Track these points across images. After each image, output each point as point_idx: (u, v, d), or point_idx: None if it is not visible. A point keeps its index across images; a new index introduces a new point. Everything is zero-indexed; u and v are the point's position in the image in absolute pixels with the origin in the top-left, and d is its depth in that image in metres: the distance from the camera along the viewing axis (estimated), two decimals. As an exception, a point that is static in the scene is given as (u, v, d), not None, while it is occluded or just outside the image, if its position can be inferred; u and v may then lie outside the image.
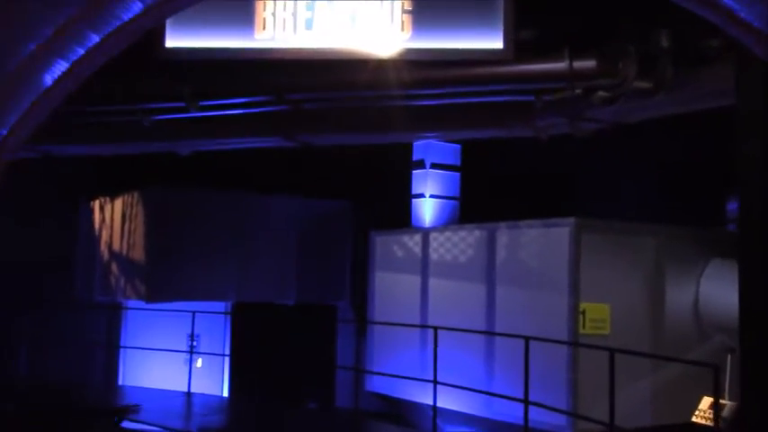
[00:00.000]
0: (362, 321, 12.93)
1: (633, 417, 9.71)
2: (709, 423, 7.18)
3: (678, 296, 10.32)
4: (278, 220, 13.64)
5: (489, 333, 10.14)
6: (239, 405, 12.06)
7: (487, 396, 10.30)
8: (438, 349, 10.35)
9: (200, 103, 8.08)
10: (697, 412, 7.40)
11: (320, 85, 7.67)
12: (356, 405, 13.46)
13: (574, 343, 8.97)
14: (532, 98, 7.69)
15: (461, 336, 10.08)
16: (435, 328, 8.64)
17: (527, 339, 7.40)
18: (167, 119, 8.85)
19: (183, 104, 8.12)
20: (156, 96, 8.16)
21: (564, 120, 8.52)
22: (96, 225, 14.38)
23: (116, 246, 13.57)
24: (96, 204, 14.42)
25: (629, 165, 12.14)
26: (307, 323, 14.09)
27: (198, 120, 8.89)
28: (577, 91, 7.13)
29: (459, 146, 12.70)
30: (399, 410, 12.02)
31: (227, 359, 13.31)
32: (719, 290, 10.41)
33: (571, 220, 9.42)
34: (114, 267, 13.58)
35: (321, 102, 8.19)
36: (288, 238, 13.68)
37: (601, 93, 7.15)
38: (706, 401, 7.45)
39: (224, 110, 8.50)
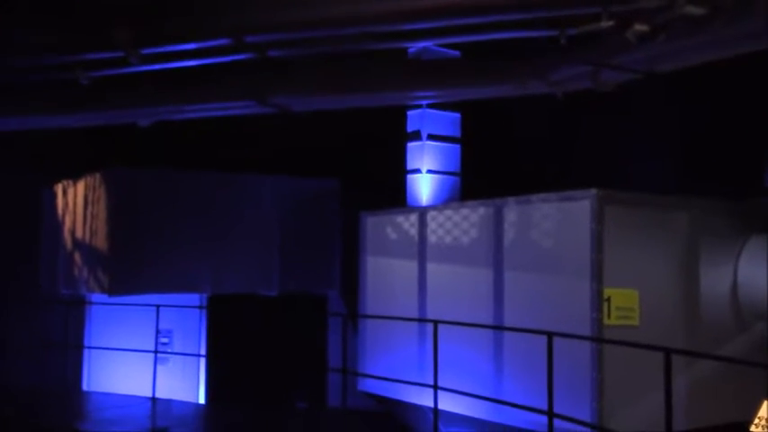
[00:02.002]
0: (353, 313, 11.56)
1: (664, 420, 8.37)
2: (773, 435, 5.81)
3: (714, 279, 8.95)
4: (257, 202, 12.22)
5: (497, 327, 8.76)
6: (216, 412, 10.69)
7: (497, 398, 8.95)
8: (439, 345, 8.97)
9: (142, 52, 6.62)
10: (757, 420, 6.02)
11: (286, 22, 6.21)
12: (344, 405, 12.16)
13: (600, 339, 7.60)
14: (553, 33, 6.22)
15: (465, 329, 8.72)
16: (435, 322, 7.25)
17: (550, 335, 6.01)
18: (108, 76, 7.40)
19: (121, 54, 6.65)
20: (86, 44, 6.68)
21: (585, 69, 7.09)
22: (59, 211, 13.00)
23: (79, 233, 12.18)
24: (60, 188, 13.04)
25: (649, 131, 10.72)
26: (293, 316, 12.72)
27: (147, 78, 7.47)
28: (609, 23, 5.71)
29: (458, 115, 11.30)
30: (396, 412, 10.66)
31: (203, 360, 11.89)
32: (761, 271, 9.06)
33: (592, 191, 8.02)
34: (78, 257, 12.20)
35: (290, 46, 6.72)
36: (269, 221, 12.26)
37: (638, 26, 5.74)
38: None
39: (173, 61, 7.04)
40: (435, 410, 7.32)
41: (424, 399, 8.94)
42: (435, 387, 7.20)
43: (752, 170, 9.90)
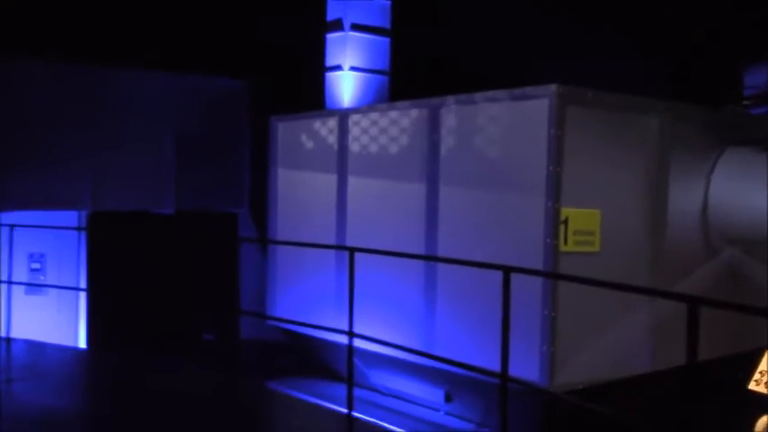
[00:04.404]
0: (264, 236, 9.92)
1: (628, 362, 7.13)
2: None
3: (684, 197, 7.62)
4: (150, 103, 10.27)
5: (429, 258, 7.26)
6: (94, 358, 9.01)
7: (426, 337, 7.53)
8: (360, 274, 7.43)
9: None
10: (758, 376, 4.71)
11: None
12: (259, 337, 10.68)
13: (556, 275, 6.18)
14: None
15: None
16: (351, 250, 5.68)
17: (507, 271, 4.50)
18: None
19: None
20: None
21: None
22: None
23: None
24: None
25: (614, 27, 9.17)
26: (197, 238, 11.00)
27: None
28: None
29: (388, 1, 9.51)
30: (313, 348, 9.18)
31: (83, 294, 10.03)
32: (734, 190, 7.77)
33: (551, 88, 6.46)
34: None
35: None
36: (164, 125, 10.33)
37: None
38: (771, 360, 4.76)
39: None
40: (350, 361, 5.81)
41: (341, 336, 7.45)
42: (351, 334, 5.67)
43: (729, 76, 8.52)
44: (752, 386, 4.75)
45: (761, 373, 4.74)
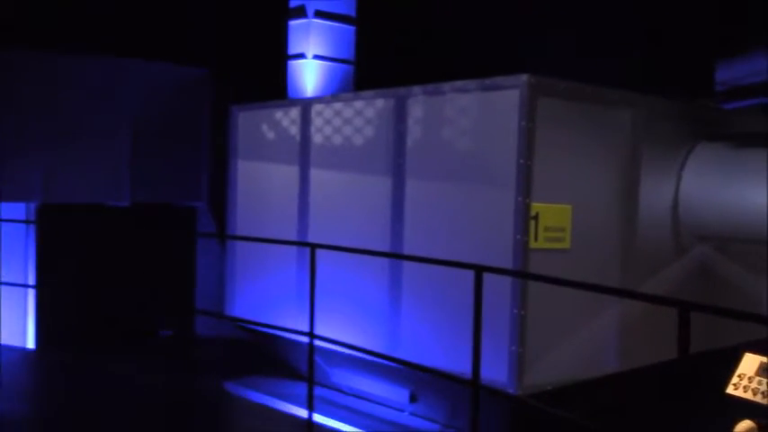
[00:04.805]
0: (222, 230, 9.56)
1: (597, 362, 6.94)
2: (763, 400, 4.33)
3: (655, 192, 7.44)
4: (106, 91, 9.84)
5: (394, 256, 6.98)
6: (43, 357, 8.59)
7: (391, 335, 7.27)
8: (322, 270, 7.14)
9: None
10: (737, 380, 4.53)
11: None
12: (217, 333, 10.36)
13: (532, 276, 5.94)
14: None
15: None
16: (312, 247, 5.38)
17: (479, 270, 4.24)
18: None
19: None
20: None
21: None
22: None
23: None
24: None
25: (584, 18, 8.96)
26: (154, 231, 10.60)
27: None
28: None
29: (354, -12, 9.21)
30: (272, 345, 8.86)
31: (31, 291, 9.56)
32: (705, 185, 7.62)
33: (522, 78, 6.21)
34: None
35: None
36: (120, 114, 9.92)
37: None
38: (750, 362, 4.57)
39: None
40: (311, 363, 5.52)
41: (301, 335, 7.13)
42: (312, 335, 5.38)
43: (701, 70, 8.36)
44: (730, 390, 4.55)
45: (739, 376, 4.55)
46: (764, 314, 8.70)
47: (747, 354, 4.64)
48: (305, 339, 6.69)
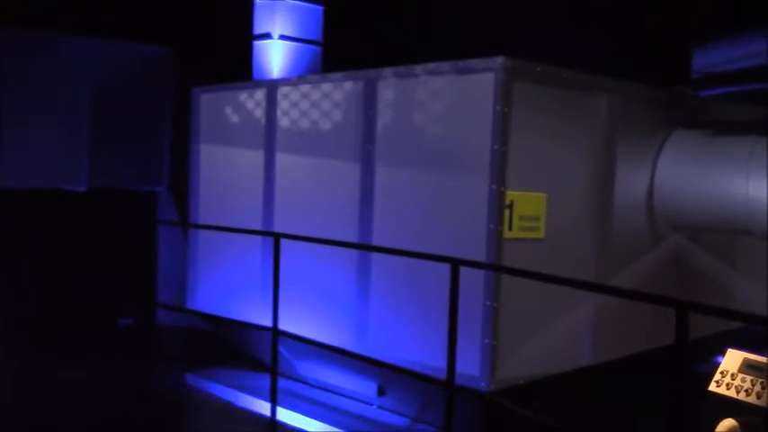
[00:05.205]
0: (183, 216, 9.21)
1: (569, 355, 6.76)
2: (746, 398, 4.16)
3: (630, 180, 7.27)
4: (63, 71, 9.42)
5: (362, 247, 6.70)
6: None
7: (359, 327, 7.02)
8: (288, 259, 6.85)
9: None
10: (719, 376, 4.35)
11: None
12: (178, 322, 10.03)
13: (507, 270, 5.71)
14: None
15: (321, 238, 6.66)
16: (276, 236, 5.09)
17: (455, 263, 3.99)
18: None
19: None
20: None
21: None
22: None
23: None
24: None
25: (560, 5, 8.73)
26: (113, 217, 10.21)
27: None
28: None
29: (322, -33, 8.87)
30: (236, 335, 8.56)
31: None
32: (680, 173, 7.47)
33: (498, 60, 5.96)
34: None
35: None
36: (77, 96, 9.50)
37: None
38: (733, 358, 4.40)
39: None
40: (274, 359, 5.25)
41: (266, 323, 6.84)
42: (276, 332, 5.10)
43: (677, 56, 8.19)
44: (712, 387, 4.37)
45: (722, 373, 4.37)
46: (737, 304, 8.63)
47: (730, 350, 4.46)
48: (270, 328, 6.42)
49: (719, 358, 4.57)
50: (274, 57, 8.62)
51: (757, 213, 6.92)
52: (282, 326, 6.63)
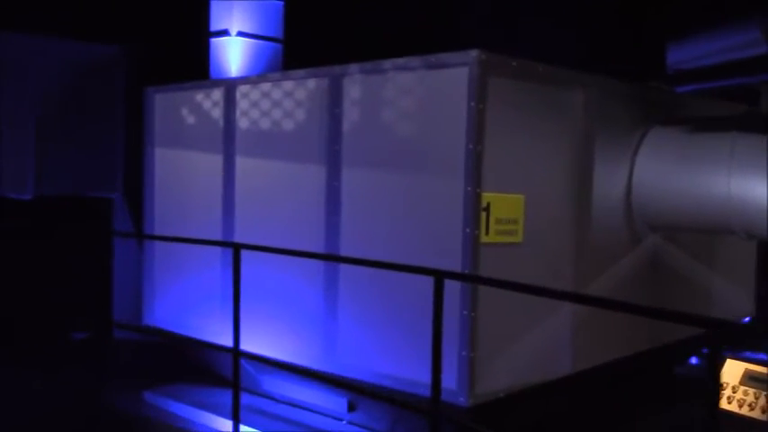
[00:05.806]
0: (138, 224, 8.71)
1: (548, 365, 6.43)
2: (750, 413, 3.84)
3: (608, 180, 6.97)
4: (6, 71, 8.87)
5: (329, 258, 6.29)
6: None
7: (327, 340, 6.61)
8: (251, 270, 6.41)
9: None
10: (729, 392, 4.03)
11: None
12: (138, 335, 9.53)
13: (489, 281, 5.34)
14: None
15: (285, 248, 6.23)
16: (236, 247, 4.67)
17: (439, 276, 3.62)
18: None
19: None
20: None
21: None
22: None
23: None
24: None
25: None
26: (64, 225, 9.67)
27: None
28: None
29: (282, -41, 8.45)
30: (195, 350, 8.09)
31: None
32: (658, 172, 7.20)
33: (472, 54, 5.60)
34: None
35: None
36: (22, 97, 8.96)
37: None
38: (733, 369, 4.08)
39: None
40: (236, 379, 4.82)
41: (227, 337, 6.40)
42: (237, 353, 4.69)
43: (652, 50, 7.91)
44: (723, 404, 4.05)
45: (724, 384, 4.05)
46: (715, 306, 8.41)
47: (729, 360, 4.14)
48: (230, 343, 5.99)
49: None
50: (232, 54, 8.17)
51: (739, 212, 6.68)
52: (245, 340, 6.20)
